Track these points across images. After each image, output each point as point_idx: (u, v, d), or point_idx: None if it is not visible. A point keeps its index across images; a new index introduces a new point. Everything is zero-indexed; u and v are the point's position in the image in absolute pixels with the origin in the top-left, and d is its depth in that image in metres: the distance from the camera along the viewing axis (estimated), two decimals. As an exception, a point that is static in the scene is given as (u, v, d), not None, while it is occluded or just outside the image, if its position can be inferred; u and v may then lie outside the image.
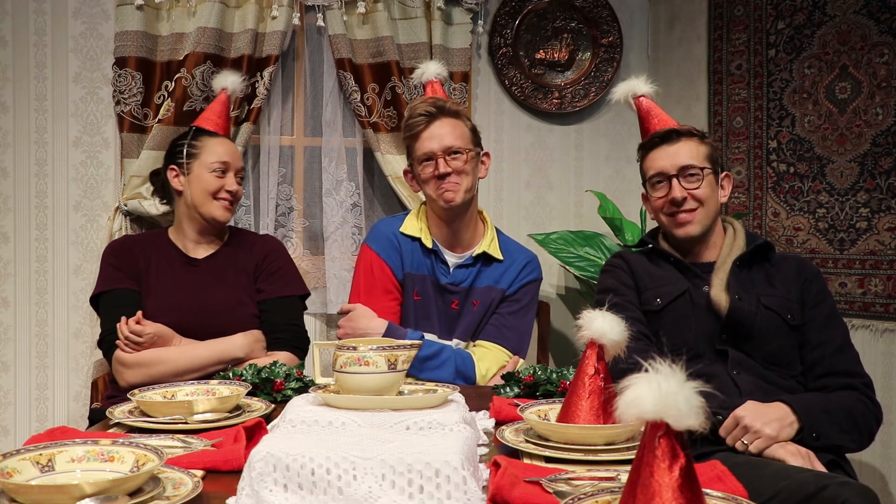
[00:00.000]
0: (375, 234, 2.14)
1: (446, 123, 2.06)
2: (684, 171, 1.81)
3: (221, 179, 2.10)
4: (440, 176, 2.03)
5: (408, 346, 1.36)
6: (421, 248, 2.11)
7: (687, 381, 0.77)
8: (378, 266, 2.09)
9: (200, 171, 2.09)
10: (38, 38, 2.70)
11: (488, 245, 2.12)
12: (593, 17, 3.15)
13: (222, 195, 2.10)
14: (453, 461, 0.97)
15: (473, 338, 2.12)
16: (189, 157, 2.10)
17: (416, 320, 2.09)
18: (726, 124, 2.92)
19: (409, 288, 2.09)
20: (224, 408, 1.44)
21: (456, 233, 2.12)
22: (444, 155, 2.03)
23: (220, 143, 2.14)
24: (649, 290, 1.85)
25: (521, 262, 2.15)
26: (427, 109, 2.06)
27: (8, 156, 2.70)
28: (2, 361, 2.71)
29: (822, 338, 1.75)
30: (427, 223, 2.14)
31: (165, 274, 2.09)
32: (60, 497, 0.93)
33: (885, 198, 2.45)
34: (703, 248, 1.87)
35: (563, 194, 3.20)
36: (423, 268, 2.10)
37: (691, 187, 1.81)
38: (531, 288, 2.16)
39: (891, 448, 2.46)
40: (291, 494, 0.98)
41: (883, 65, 2.45)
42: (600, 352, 1.31)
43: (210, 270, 2.12)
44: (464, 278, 2.11)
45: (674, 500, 0.74)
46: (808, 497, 1.32)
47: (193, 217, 2.12)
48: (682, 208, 1.81)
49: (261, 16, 2.72)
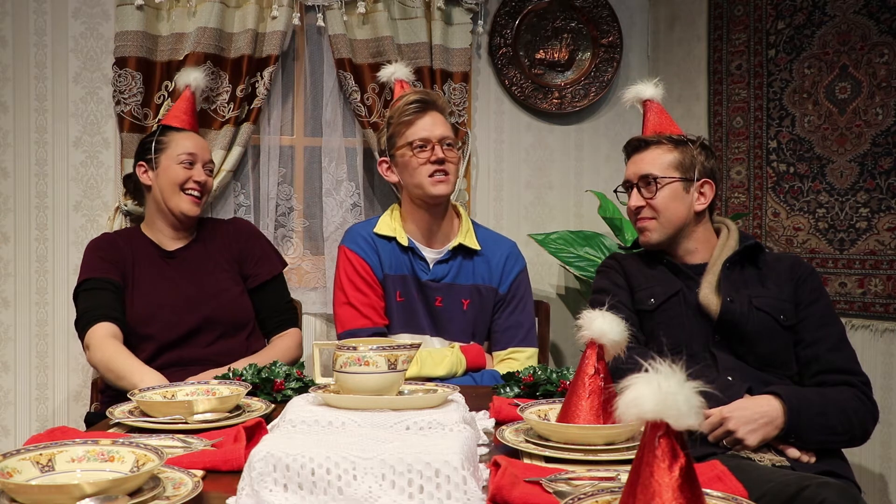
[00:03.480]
0: (351, 235, 2.14)
1: (438, 117, 2.08)
2: (643, 180, 1.86)
3: (189, 171, 2.13)
4: (438, 161, 2.03)
5: (408, 346, 1.36)
6: (397, 247, 2.10)
7: (687, 381, 0.77)
8: (358, 263, 2.08)
9: (168, 163, 2.13)
10: (38, 38, 2.70)
11: (464, 237, 2.12)
12: (593, 17, 3.15)
13: (189, 186, 2.12)
14: (453, 461, 0.97)
15: (476, 340, 2.12)
16: (157, 152, 2.14)
17: (403, 322, 2.08)
18: (726, 124, 2.92)
19: (390, 290, 2.08)
20: (224, 408, 1.44)
21: (433, 226, 2.11)
22: (440, 143, 2.04)
23: (188, 137, 2.18)
24: (643, 290, 1.86)
25: (503, 255, 2.15)
26: (422, 98, 2.07)
27: (8, 156, 2.70)
28: (2, 361, 2.71)
29: (817, 336, 1.75)
30: (401, 222, 2.14)
31: (146, 268, 2.13)
32: (60, 497, 0.93)
33: (885, 198, 2.45)
34: (691, 251, 1.88)
35: (563, 194, 3.20)
36: (403, 267, 2.09)
37: (648, 196, 1.86)
38: (521, 279, 2.17)
39: (891, 448, 2.45)
40: (291, 494, 0.98)
41: (883, 65, 2.45)
42: (600, 352, 1.31)
43: (188, 261, 2.16)
44: (444, 273, 2.10)
45: (674, 500, 0.74)
46: (789, 498, 1.34)
47: (163, 212, 2.16)
48: (639, 217, 1.88)
49: (261, 16, 2.72)
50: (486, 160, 3.12)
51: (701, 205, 1.87)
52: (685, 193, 1.86)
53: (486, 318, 2.13)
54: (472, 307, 2.10)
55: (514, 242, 2.23)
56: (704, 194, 1.87)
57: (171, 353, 2.05)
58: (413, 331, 2.08)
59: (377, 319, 2.05)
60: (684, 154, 1.87)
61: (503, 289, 2.13)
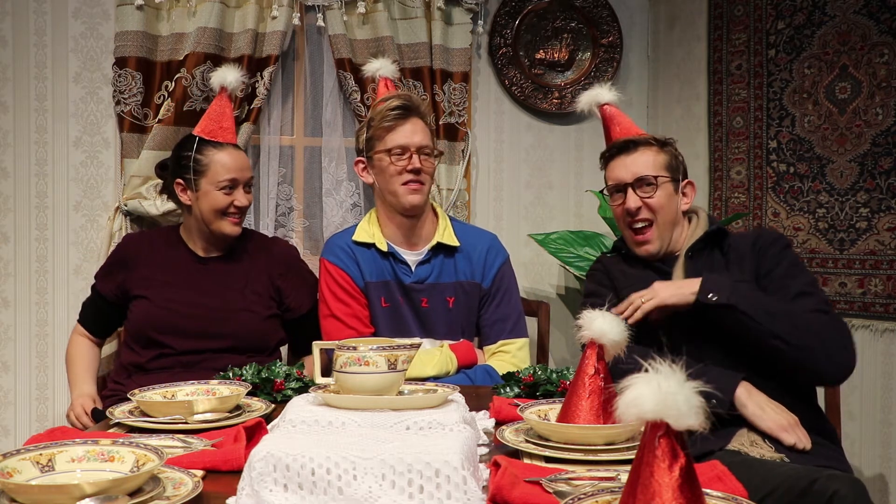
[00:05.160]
0: (330, 246, 2.13)
1: (419, 124, 2.06)
2: (640, 182, 1.86)
3: (230, 196, 2.06)
4: (414, 170, 2.02)
5: (408, 346, 1.36)
6: (377, 254, 2.09)
7: (687, 381, 0.77)
8: (338, 274, 2.08)
9: (208, 188, 2.04)
10: (38, 38, 2.70)
11: (442, 235, 2.11)
12: (593, 17, 3.15)
13: (231, 210, 2.07)
14: (453, 461, 0.97)
15: (464, 336, 2.12)
16: (196, 174, 2.05)
17: (390, 327, 2.08)
18: (726, 124, 2.92)
19: (373, 297, 2.08)
20: (224, 408, 1.44)
21: (413, 228, 2.10)
22: (418, 152, 2.04)
23: (228, 155, 2.06)
24: (625, 289, 1.88)
25: (483, 249, 2.14)
26: (405, 104, 2.05)
27: (8, 156, 2.70)
28: (2, 361, 2.71)
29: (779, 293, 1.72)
30: (379, 227, 2.12)
31: (176, 273, 2.09)
32: (60, 497, 0.93)
33: (885, 198, 2.45)
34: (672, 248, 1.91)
35: (563, 194, 3.20)
36: (385, 273, 2.08)
37: (645, 196, 1.85)
38: (504, 271, 2.16)
39: (891, 448, 2.46)
40: (291, 494, 0.98)
41: (883, 65, 2.45)
42: (600, 352, 1.32)
43: (219, 272, 2.12)
44: (427, 274, 2.09)
45: (674, 500, 0.75)
46: (801, 493, 1.34)
47: (202, 230, 2.11)
48: (636, 218, 1.87)
49: (261, 16, 2.72)
50: (486, 160, 3.12)
51: (686, 204, 1.91)
52: (675, 194, 1.89)
53: (472, 313, 2.13)
54: (458, 304, 2.10)
55: (493, 235, 2.21)
56: (687, 194, 1.92)
57: (180, 359, 2.03)
58: (401, 335, 2.06)
59: (362, 329, 2.06)
60: (669, 155, 1.90)
61: (486, 283, 2.13)
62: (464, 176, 2.97)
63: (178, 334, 2.02)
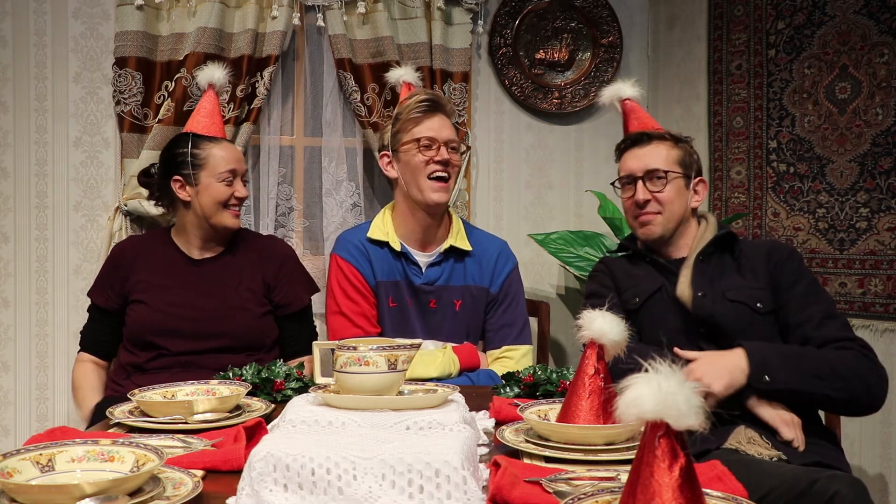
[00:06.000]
0: (342, 243, 2.13)
1: (446, 120, 2.07)
2: (650, 175, 1.86)
3: (230, 187, 2.08)
4: (442, 161, 2.02)
5: (408, 347, 1.36)
6: (390, 253, 2.09)
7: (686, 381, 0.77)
8: (350, 271, 2.07)
9: (209, 181, 2.07)
10: (38, 38, 2.70)
11: (455, 238, 2.11)
12: (593, 17, 3.15)
13: (232, 202, 2.09)
14: (453, 461, 0.97)
15: (469, 340, 2.12)
16: (195, 168, 2.07)
17: (395, 327, 2.07)
18: (726, 124, 2.92)
19: (382, 296, 2.08)
20: (224, 408, 1.44)
21: (428, 229, 2.10)
22: (446, 145, 2.04)
23: (224, 149, 2.11)
24: (628, 290, 1.88)
25: (494, 254, 2.14)
26: (433, 97, 2.06)
27: (8, 156, 2.70)
28: (2, 361, 2.71)
29: (802, 317, 1.73)
30: (394, 225, 2.12)
31: (169, 276, 2.09)
32: (60, 497, 0.93)
33: (885, 198, 2.45)
34: (675, 246, 1.90)
35: (563, 194, 3.20)
36: (395, 273, 2.08)
37: (655, 190, 1.85)
38: (513, 278, 2.16)
39: (891, 448, 2.45)
40: (291, 494, 0.98)
41: (883, 65, 2.45)
42: (600, 352, 1.31)
43: (213, 272, 2.13)
44: (437, 276, 2.09)
45: (674, 500, 0.74)
46: (801, 493, 1.34)
47: (202, 226, 2.11)
48: (644, 211, 1.87)
49: (261, 16, 2.72)
50: (486, 160, 3.12)
51: (696, 202, 1.91)
52: (686, 190, 1.89)
53: (478, 318, 2.13)
54: (464, 308, 2.10)
55: (504, 241, 2.22)
56: (699, 192, 1.92)
57: (178, 359, 2.03)
58: (406, 335, 2.06)
59: (369, 328, 2.05)
60: (684, 151, 1.90)
61: (495, 288, 2.12)
62: (464, 176, 2.98)
63: (176, 336, 2.03)
